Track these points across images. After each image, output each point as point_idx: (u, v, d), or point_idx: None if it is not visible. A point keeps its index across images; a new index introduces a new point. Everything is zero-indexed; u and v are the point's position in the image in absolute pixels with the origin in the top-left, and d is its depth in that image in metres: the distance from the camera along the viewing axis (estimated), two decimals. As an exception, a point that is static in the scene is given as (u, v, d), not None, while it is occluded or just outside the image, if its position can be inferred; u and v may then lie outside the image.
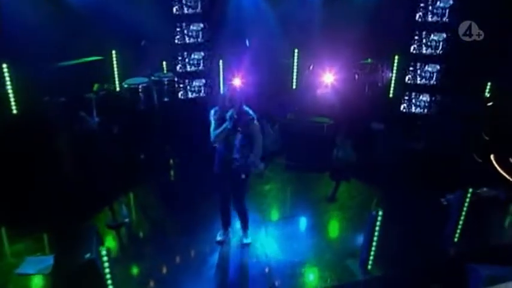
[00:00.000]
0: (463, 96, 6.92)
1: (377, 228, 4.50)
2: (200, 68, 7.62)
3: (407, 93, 7.25)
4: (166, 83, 6.72)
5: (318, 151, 6.65)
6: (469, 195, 4.82)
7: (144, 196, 5.91)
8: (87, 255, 3.82)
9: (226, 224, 5.01)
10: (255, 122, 4.46)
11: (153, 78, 6.50)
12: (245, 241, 4.96)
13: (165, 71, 7.34)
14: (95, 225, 4.70)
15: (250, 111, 4.47)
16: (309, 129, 6.78)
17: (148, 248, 4.94)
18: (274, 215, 5.72)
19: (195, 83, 7.66)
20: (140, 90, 6.48)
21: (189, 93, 7.62)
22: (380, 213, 4.43)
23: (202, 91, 7.76)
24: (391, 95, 7.27)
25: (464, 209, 4.87)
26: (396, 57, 7.01)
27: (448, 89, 7.03)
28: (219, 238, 4.98)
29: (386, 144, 6.95)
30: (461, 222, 4.95)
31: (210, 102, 7.67)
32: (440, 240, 5.12)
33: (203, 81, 7.79)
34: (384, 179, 6.20)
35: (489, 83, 6.86)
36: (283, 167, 6.70)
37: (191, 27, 7.25)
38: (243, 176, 4.53)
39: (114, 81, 6.78)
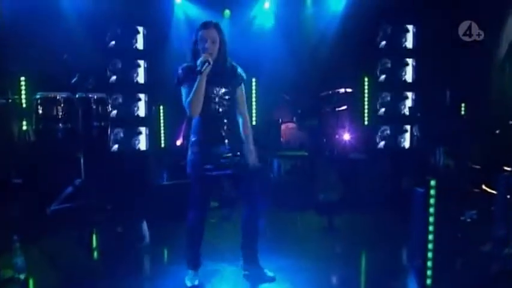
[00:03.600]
0: (442, 123, 6.30)
1: (432, 210, 2.97)
2: (137, 113, 6.30)
3: (381, 125, 6.59)
4: (95, 101, 5.00)
5: (297, 187, 5.61)
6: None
7: (55, 245, 3.99)
8: None
9: (197, 261, 3.21)
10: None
11: (77, 95, 4.85)
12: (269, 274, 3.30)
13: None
14: None
15: (239, 69, 3.17)
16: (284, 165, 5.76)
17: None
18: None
19: (129, 132, 6.24)
20: (60, 100, 4.69)
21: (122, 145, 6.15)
22: (432, 183, 2.97)
23: (139, 142, 6.30)
24: (366, 123, 6.43)
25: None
26: (366, 78, 6.37)
27: (424, 116, 6.43)
28: (190, 284, 3.12)
29: (371, 174, 5.89)
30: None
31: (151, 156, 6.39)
32: (493, 247, 3.72)
33: (141, 130, 6.41)
34: (379, 208, 5.21)
35: (463, 104, 6.41)
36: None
37: (127, 65, 6.15)
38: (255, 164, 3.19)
39: (20, 94, 4.99)
